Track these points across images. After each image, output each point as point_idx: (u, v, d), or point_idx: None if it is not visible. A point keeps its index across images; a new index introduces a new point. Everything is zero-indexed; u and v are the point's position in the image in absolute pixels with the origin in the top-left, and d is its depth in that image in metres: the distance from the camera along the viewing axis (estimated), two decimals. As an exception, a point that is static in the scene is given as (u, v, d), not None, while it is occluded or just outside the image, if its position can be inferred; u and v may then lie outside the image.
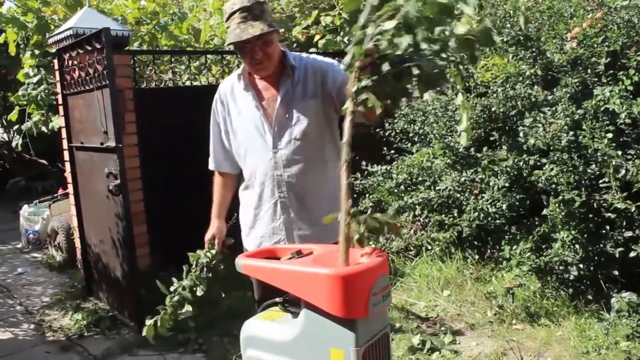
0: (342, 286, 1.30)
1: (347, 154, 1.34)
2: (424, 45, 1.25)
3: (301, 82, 2.01)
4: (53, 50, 4.31)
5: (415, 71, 1.27)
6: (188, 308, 2.08)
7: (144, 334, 2.09)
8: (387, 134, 4.16)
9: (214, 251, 2.19)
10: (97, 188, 3.77)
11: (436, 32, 1.25)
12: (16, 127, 6.70)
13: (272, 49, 1.94)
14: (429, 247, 4.12)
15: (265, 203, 2.10)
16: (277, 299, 1.60)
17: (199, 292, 2.09)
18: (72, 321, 3.79)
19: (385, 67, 1.30)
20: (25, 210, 5.91)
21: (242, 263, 1.59)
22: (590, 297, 3.27)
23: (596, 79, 3.24)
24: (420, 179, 3.87)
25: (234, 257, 2.19)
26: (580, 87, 3.26)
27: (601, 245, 3.08)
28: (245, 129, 2.09)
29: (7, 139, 9.09)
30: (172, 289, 2.10)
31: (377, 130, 4.12)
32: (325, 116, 2.03)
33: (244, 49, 1.93)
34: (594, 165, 3.04)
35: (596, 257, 3.13)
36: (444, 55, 1.27)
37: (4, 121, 8.47)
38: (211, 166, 2.29)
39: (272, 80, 2.04)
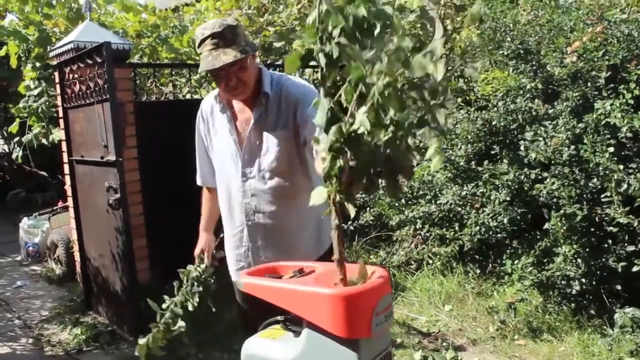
0: (344, 306, 1.28)
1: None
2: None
3: (274, 111, 1.94)
4: (54, 63, 4.32)
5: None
6: (181, 324, 2.07)
7: (136, 353, 2.06)
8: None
9: (203, 265, 2.18)
10: (97, 201, 3.76)
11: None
12: (17, 139, 6.73)
13: (247, 74, 1.89)
14: (430, 261, 4.09)
15: (234, 228, 2.08)
16: (279, 317, 1.58)
17: (190, 307, 2.08)
18: (71, 335, 3.76)
19: (369, 168, 1.11)
20: (25, 222, 5.89)
21: (243, 281, 1.57)
22: (593, 312, 3.25)
23: (597, 93, 3.25)
24: (421, 192, 3.87)
25: (225, 269, 2.19)
26: (581, 101, 3.26)
27: (603, 260, 3.07)
28: (220, 150, 2.08)
29: (7, 150, 9.09)
30: (164, 306, 2.09)
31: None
32: (296, 147, 1.94)
33: (218, 76, 1.89)
34: (595, 179, 3.04)
35: (598, 272, 3.11)
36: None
37: (4, 133, 8.48)
38: (198, 182, 2.28)
39: (249, 102, 1.99)
